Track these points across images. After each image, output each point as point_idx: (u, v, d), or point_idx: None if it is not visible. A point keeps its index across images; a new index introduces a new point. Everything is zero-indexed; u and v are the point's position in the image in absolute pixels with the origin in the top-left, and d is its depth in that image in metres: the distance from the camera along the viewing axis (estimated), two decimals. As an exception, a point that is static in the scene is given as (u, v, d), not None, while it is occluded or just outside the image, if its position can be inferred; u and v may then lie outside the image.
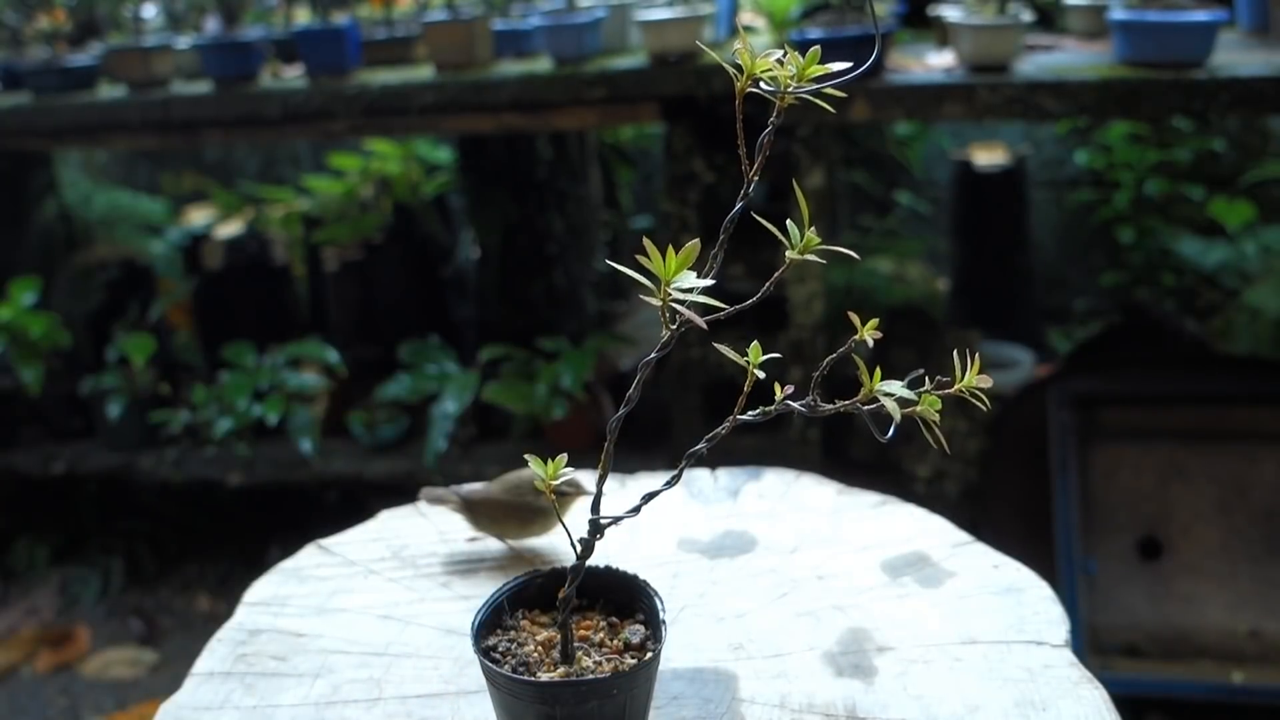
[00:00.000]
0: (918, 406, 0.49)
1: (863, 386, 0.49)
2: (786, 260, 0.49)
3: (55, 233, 2.78)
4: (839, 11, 1.89)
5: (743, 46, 0.48)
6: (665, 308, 0.49)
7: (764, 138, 0.49)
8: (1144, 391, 2.08)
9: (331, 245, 2.75)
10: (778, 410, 0.50)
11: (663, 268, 0.48)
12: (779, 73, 0.48)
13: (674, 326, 0.51)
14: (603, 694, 0.50)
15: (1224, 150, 2.83)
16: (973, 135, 3.09)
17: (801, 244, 0.49)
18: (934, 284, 2.99)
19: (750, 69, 0.48)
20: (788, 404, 0.50)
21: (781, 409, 0.50)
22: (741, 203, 0.50)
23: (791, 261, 0.49)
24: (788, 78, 0.48)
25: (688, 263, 0.49)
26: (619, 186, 2.98)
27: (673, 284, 0.48)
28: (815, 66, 0.48)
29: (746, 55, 0.48)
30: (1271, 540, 1.93)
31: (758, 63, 0.48)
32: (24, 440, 2.67)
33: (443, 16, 2.10)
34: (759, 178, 0.49)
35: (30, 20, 2.41)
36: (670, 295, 0.49)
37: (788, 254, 0.49)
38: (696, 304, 0.49)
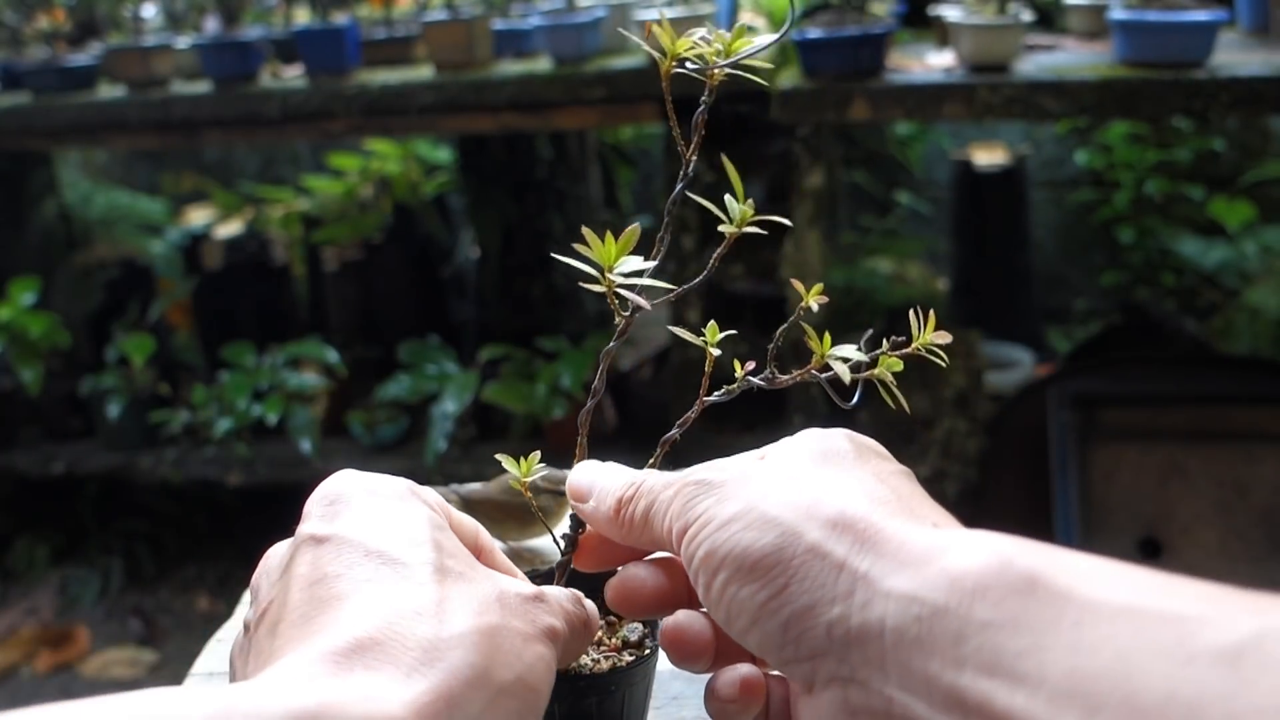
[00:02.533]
0: (875, 369, 0.49)
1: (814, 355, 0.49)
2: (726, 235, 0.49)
3: (55, 233, 2.78)
4: (839, 11, 1.89)
5: (661, 29, 0.48)
6: (611, 294, 0.49)
7: (698, 115, 0.49)
8: (1144, 391, 2.08)
9: (331, 245, 2.75)
10: (740, 388, 0.50)
11: (604, 254, 0.48)
12: (704, 50, 0.48)
13: (625, 313, 0.51)
14: (601, 690, 0.50)
15: (1224, 150, 2.83)
16: (973, 135, 3.09)
17: (738, 219, 0.49)
18: (934, 284, 2.99)
19: (672, 50, 0.48)
20: (749, 380, 0.50)
21: (744, 385, 0.50)
22: (682, 183, 0.50)
23: (731, 236, 0.49)
24: (713, 54, 0.48)
25: (628, 248, 0.49)
26: (619, 186, 2.97)
27: (616, 270, 0.49)
28: (741, 40, 0.48)
29: (666, 37, 0.48)
30: (1271, 540, 1.93)
31: (679, 43, 0.48)
32: (23, 440, 2.67)
33: (442, 16, 2.10)
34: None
35: (30, 20, 2.41)
36: (615, 282, 0.49)
37: (724, 228, 0.49)
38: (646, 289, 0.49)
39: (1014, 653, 0.32)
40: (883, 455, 0.44)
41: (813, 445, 0.44)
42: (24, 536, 2.75)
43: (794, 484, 0.40)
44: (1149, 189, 2.83)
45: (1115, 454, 2.04)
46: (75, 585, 2.62)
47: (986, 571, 0.34)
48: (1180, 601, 0.31)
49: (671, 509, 0.43)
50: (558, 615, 0.44)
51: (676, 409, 2.16)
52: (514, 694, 0.39)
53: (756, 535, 0.39)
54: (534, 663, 0.40)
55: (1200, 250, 2.76)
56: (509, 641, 0.40)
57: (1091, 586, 0.32)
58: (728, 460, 0.45)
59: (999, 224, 2.95)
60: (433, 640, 0.38)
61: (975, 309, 2.90)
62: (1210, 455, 1.99)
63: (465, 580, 0.41)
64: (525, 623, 0.41)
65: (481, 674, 0.38)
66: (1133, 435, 2.04)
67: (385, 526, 0.42)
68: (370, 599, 0.39)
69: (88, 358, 2.68)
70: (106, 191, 3.17)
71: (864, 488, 0.40)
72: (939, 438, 2.18)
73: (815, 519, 0.38)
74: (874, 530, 0.37)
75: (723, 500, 0.41)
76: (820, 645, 0.37)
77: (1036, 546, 0.35)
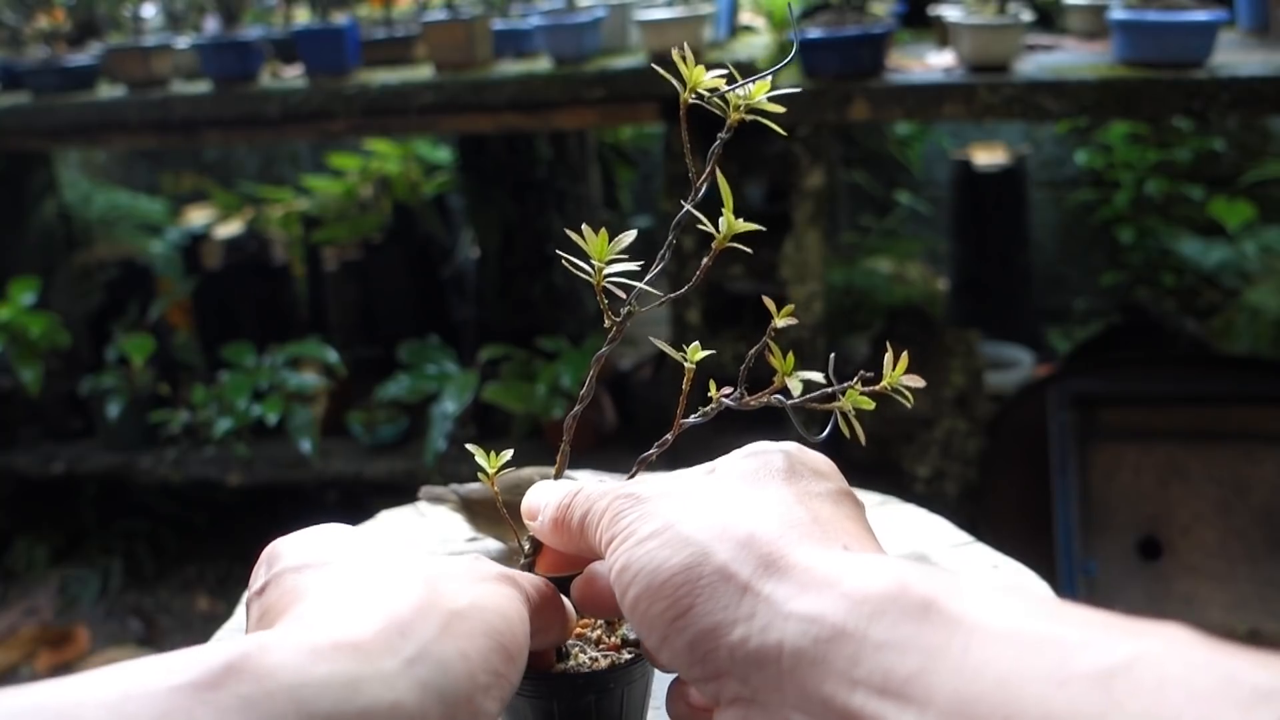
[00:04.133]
0: (839, 401, 0.49)
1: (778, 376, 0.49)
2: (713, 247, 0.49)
3: (55, 233, 2.78)
4: (839, 11, 1.89)
5: (683, 55, 0.47)
6: (600, 291, 0.50)
7: (713, 150, 0.49)
8: (1144, 391, 2.08)
9: (331, 245, 2.75)
10: (715, 409, 0.51)
11: (596, 248, 0.49)
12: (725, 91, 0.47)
13: (616, 317, 0.51)
14: (600, 688, 0.50)
15: (1224, 150, 2.83)
16: (973, 135, 3.09)
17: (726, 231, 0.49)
18: (934, 284, 2.99)
19: (692, 81, 0.48)
20: (722, 401, 0.50)
21: (718, 407, 0.51)
22: (689, 204, 0.50)
23: (717, 247, 0.49)
24: (737, 99, 0.48)
25: (618, 248, 0.49)
26: (619, 186, 2.98)
27: (607, 268, 0.49)
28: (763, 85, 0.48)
29: (688, 67, 0.47)
30: (1271, 540, 1.93)
31: (694, 73, 0.48)
32: (23, 440, 2.67)
33: (442, 16, 2.10)
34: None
35: (30, 20, 2.41)
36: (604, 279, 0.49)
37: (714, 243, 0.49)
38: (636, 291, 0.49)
39: (904, 675, 0.33)
40: (819, 474, 0.45)
41: (749, 463, 0.45)
42: (24, 536, 2.74)
43: (715, 504, 0.41)
44: (1149, 189, 2.83)
45: (1115, 454, 2.04)
46: (75, 585, 2.62)
47: (885, 595, 0.35)
48: (1064, 626, 0.32)
49: (603, 520, 0.44)
50: (520, 579, 0.46)
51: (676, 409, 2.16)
52: (472, 619, 0.40)
53: (669, 554, 0.40)
54: (488, 591, 0.43)
55: (1200, 250, 2.76)
56: (454, 581, 0.42)
57: (982, 611, 0.33)
58: (667, 475, 0.46)
59: (999, 224, 2.95)
60: (377, 591, 0.40)
61: (975, 309, 2.90)
62: (1210, 455, 1.99)
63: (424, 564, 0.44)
64: (477, 572, 0.44)
65: (429, 602, 0.40)
66: (1133, 435, 2.04)
67: None
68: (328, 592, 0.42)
69: (88, 358, 2.68)
70: (106, 191, 3.17)
71: (781, 509, 0.41)
72: (939, 438, 2.18)
73: (726, 540, 0.39)
74: (780, 553, 0.38)
75: (645, 516, 0.42)
76: (724, 665, 0.38)
77: (938, 573, 0.36)
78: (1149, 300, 2.84)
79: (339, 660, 0.36)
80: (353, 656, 0.36)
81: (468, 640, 0.40)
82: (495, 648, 0.41)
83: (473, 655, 0.40)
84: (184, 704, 0.33)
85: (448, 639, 0.39)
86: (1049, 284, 3.13)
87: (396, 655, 0.37)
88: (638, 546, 0.41)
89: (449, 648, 0.39)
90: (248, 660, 0.34)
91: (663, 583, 0.39)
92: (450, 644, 0.39)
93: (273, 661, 0.35)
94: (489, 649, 0.40)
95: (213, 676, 0.34)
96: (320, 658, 0.36)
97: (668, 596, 0.39)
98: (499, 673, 0.41)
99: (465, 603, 0.41)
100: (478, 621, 0.41)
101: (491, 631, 0.41)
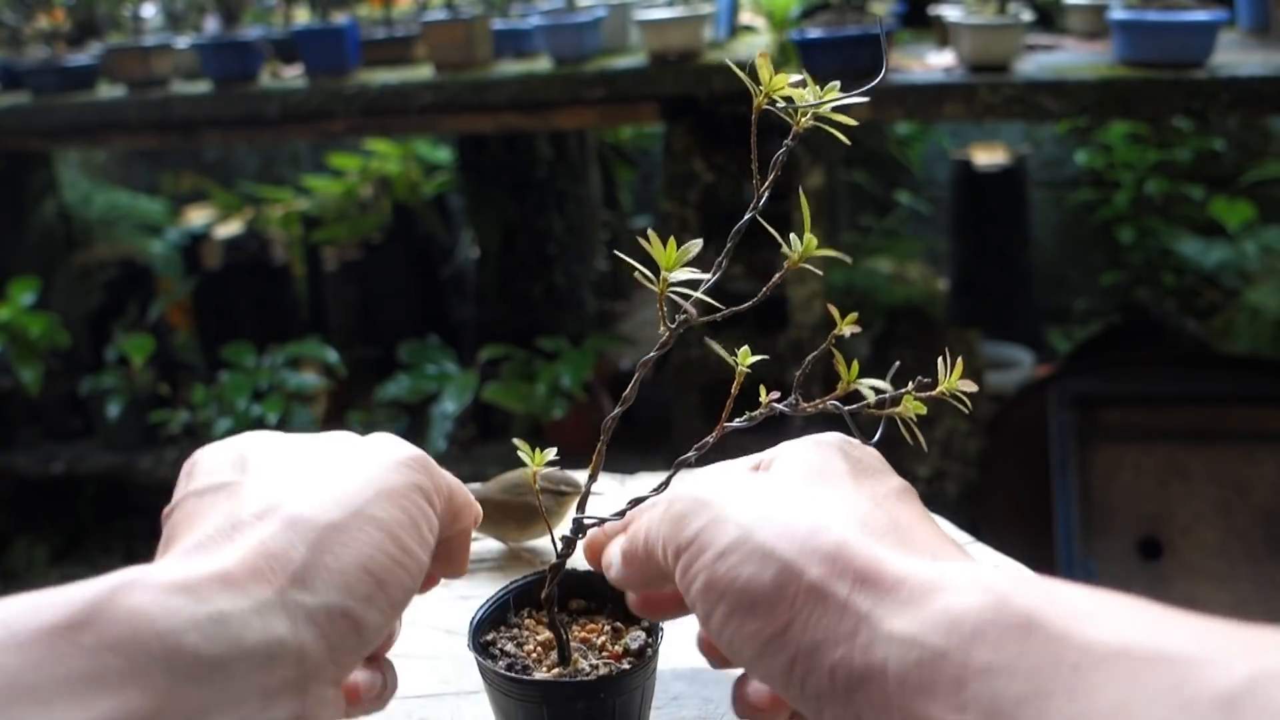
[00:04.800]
0: (898, 407, 0.49)
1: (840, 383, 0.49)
2: (784, 265, 0.48)
3: (55, 233, 2.78)
4: (839, 11, 1.89)
5: (764, 61, 0.47)
6: (663, 301, 0.49)
7: (779, 157, 0.48)
8: (1144, 391, 2.08)
9: (331, 245, 2.75)
10: (764, 414, 0.50)
11: (665, 258, 0.48)
12: (797, 94, 0.47)
13: (672, 325, 0.50)
14: (590, 696, 0.50)
15: (1224, 150, 2.83)
16: (973, 135, 3.09)
17: (801, 249, 0.48)
18: (934, 284, 2.99)
19: (769, 87, 0.47)
20: (773, 406, 0.49)
21: (767, 412, 0.50)
22: (751, 213, 0.49)
23: (790, 266, 0.48)
24: (803, 97, 0.47)
25: (687, 257, 0.48)
26: (619, 186, 2.98)
27: (672, 278, 0.48)
28: (832, 92, 0.47)
29: (767, 71, 0.47)
30: (1271, 540, 1.93)
31: (775, 80, 0.47)
32: (23, 440, 2.67)
33: (442, 16, 2.10)
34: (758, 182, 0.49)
35: (30, 20, 2.41)
36: (670, 289, 0.48)
37: (785, 261, 0.48)
38: (697, 301, 0.49)
39: (1014, 699, 0.32)
40: (880, 470, 0.44)
41: (809, 459, 0.43)
42: (24, 536, 2.74)
43: (789, 508, 0.40)
44: (1149, 189, 2.83)
45: (1115, 454, 2.04)
46: (75, 585, 2.62)
47: (984, 613, 0.34)
48: (1176, 641, 0.31)
49: (664, 532, 0.42)
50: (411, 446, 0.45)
51: (677, 408, 2.16)
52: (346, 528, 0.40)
53: (756, 570, 0.38)
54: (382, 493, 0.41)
55: (1200, 250, 2.76)
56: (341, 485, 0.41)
57: (1087, 626, 0.32)
58: (718, 471, 0.44)
59: (999, 224, 2.95)
60: (257, 509, 0.40)
61: (975, 309, 2.90)
62: (1210, 455, 1.99)
63: None
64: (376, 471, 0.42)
65: (301, 521, 0.39)
66: (1133, 435, 2.04)
67: None
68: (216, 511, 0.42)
69: (88, 358, 2.68)
70: (106, 191, 3.17)
71: (861, 514, 0.39)
72: (939, 438, 2.18)
73: (815, 553, 0.37)
74: (874, 567, 0.36)
75: (717, 523, 0.40)
76: (824, 687, 0.36)
77: (1033, 582, 0.35)
78: (1149, 300, 2.84)
79: (208, 594, 0.36)
80: (222, 588, 0.36)
81: (344, 554, 0.39)
82: (375, 556, 0.40)
83: (349, 569, 0.39)
84: (52, 647, 0.32)
85: (321, 557, 0.38)
86: (1049, 284, 3.13)
87: (268, 583, 0.37)
88: (718, 561, 0.39)
89: (321, 567, 0.38)
90: (115, 598, 0.34)
91: (754, 602, 0.38)
92: (322, 562, 0.38)
93: (139, 600, 0.34)
94: (367, 560, 0.40)
95: (79, 616, 0.33)
96: (188, 592, 0.35)
97: (762, 616, 0.37)
98: (382, 582, 0.40)
99: (345, 514, 0.40)
100: (357, 531, 0.40)
101: (373, 538, 0.40)
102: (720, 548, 0.39)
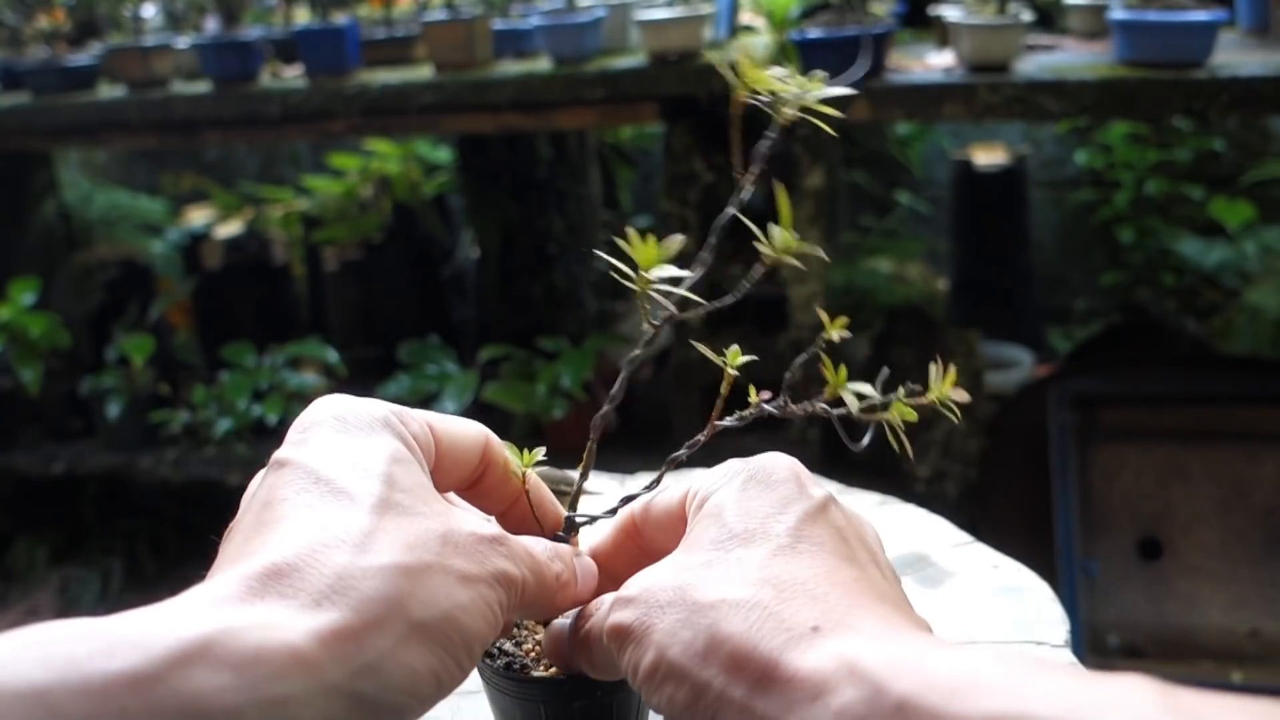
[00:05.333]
0: (886, 412, 0.49)
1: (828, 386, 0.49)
2: (764, 262, 0.48)
3: (55, 233, 2.78)
4: (839, 11, 1.89)
5: (745, 55, 0.47)
6: (644, 298, 0.49)
7: (765, 150, 0.48)
8: (1144, 391, 2.08)
9: (331, 245, 2.74)
10: (754, 414, 0.50)
11: (644, 254, 0.48)
12: (778, 87, 0.47)
13: (655, 321, 0.51)
14: (587, 695, 0.50)
15: (1224, 150, 2.83)
16: (973, 135, 3.09)
17: (779, 244, 0.48)
18: (934, 284, 2.99)
19: (751, 80, 0.47)
20: (762, 407, 0.50)
21: (756, 413, 0.50)
22: (734, 209, 0.49)
23: (767, 263, 0.48)
24: (787, 90, 0.47)
25: (668, 254, 0.49)
26: (619, 186, 2.97)
27: (652, 274, 0.48)
28: (816, 82, 0.47)
29: (748, 65, 0.47)
30: (1271, 540, 1.93)
31: (757, 75, 0.47)
32: (23, 440, 2.67)
33: (442, 16, 2.10)
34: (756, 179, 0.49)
35: (30, 20, 2.41)
36: (650, 285, 0.48)
37: (763, 256, 0.48)
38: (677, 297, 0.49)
39: None
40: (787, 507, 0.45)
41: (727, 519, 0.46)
42: (24, 536, 2.74)
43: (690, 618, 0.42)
44: (1149, 189, 2.83)
45: (1115, 454, 2.04)
46: (75, 585, 2.62)
47: (859, 707, 0.36)
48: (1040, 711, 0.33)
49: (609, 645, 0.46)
50: (516, 560, 0.45)
51: (676, 409, 2.16)
52: (435, 634, 0.39)
53: (673, 689, 0.42)
54: (468, 603, 0.41)
55: (1200, 250, 2.76)
56: (437, 579, 0.40)
57: (956, 705, 0.34)
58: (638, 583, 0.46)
59: (999, 224, 2.95)
60: (348, 569, 0.38)
61: (975, 309, 2.90)
62: (1210, 455, 1.99)
63: (409, 515, 0.42)
64: (470, 563, 0.42)
65: (394, 609, 0.38)
66: (1133, 435, 2.04)
67: (342, 455, 0.44)
68: (301, 525, 0.40)
69: (88, 358, 2.68)
70: (106, 191, 3.17)
71: (751, 596, 0.42)
72: (939, 438, 2.18)
73: (713, 664, 0.41)
74: (766, 667, 0.39)
75: (641, 648, 0.43)
76: None
77: (912, 661, 0.37)
78: (1149, 300, 2.84)
79: (282, 674, 0.35)
80: (296, 669, 0.35)
81: (423, 655, 0.39)
82: (448, 660, 0.40)
83: (420, 670, 0.39)
84: (118, 701, 0.32)
85: (402, 653, 0.38)
86: (1049, 284, 3.13)
87: (342, 668, 0.36)
88: (645, 684, 0.43)
89: (399, 663, 0.38)
90: (187, 665, 0.33)
91: (680, 711, 0.42)
92: (403, 659, 0.38)
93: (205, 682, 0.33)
94: (440, 662, 0.40)
95: (148, 671, 0.33)
96: (260, 668, 0.35)
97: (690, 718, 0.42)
98: (442, 684, 0.40)
99: (435, 615, 0.40)
100: (442, 643, 0.40)
101: (451, 645, 0.40)
102: (646, 672, 0.43)
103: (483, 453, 0.51)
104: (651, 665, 0.43)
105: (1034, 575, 0.82)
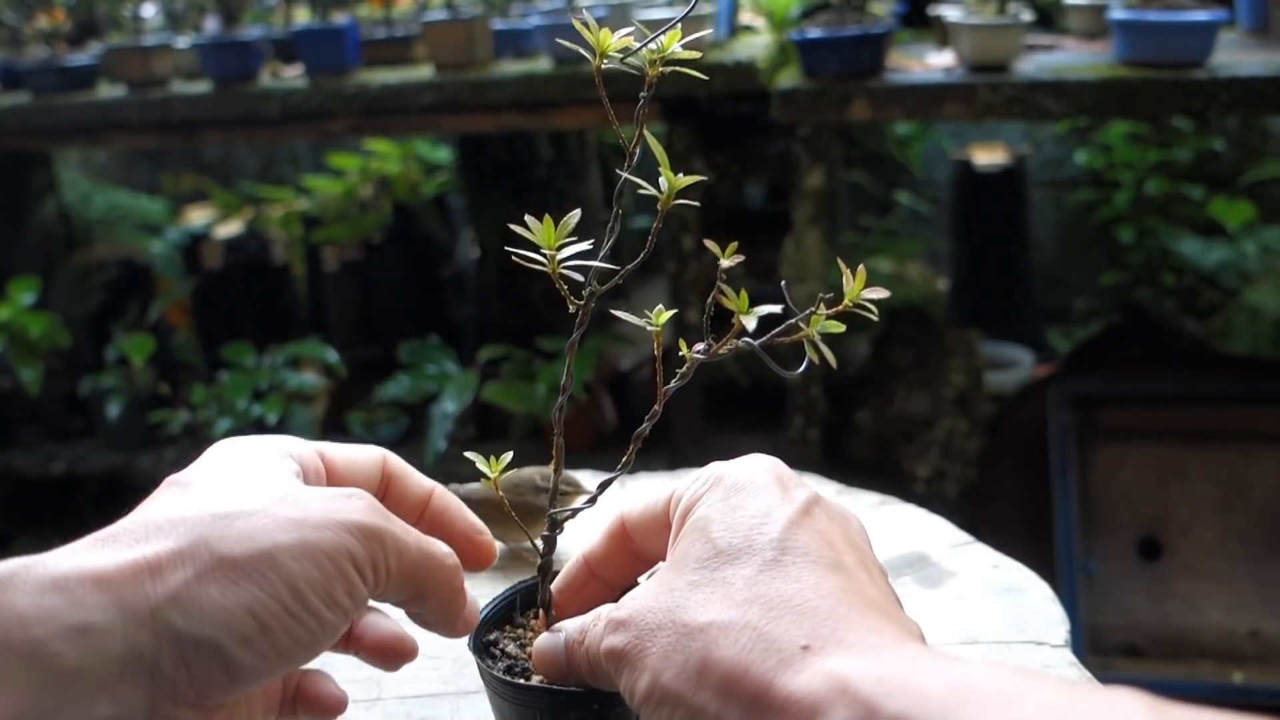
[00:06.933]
0: (806, 328, 0.49)
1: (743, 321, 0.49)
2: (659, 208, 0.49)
3: (55, 233, 2.78)
4: (839, 11, 1.89)
5: (587, 25, 0.48)
6: (557, 278, 0.50)
7: (639, 110, 0.49)
8: (1144, 391, 2.08)
9: (331, 245, 2.75)
10: (691, 367, 0.51)
11: (545, 236, 0.49)
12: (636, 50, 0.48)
13: (578, 300, 0.51)
14: (582, 706, 0.50)
15: (1224, 150, 2.83)
16: (973, 135, 3.09)
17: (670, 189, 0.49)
18: (934, 284, 2.99)
19: (601, 47, 0.48)
20: (694, 356, 0.51)
21: (693, 364, 0.51)
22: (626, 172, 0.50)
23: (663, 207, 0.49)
24: (651, 54, 0.48)
25: (566, 230, 0.50)
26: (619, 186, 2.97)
27: (560, 256, 0.49)
28: (674, 35, 0.48)
29: (591, 33, 0.48)
30: (1271, 540, 1.93)
31: (603, 38, 0.48)
32: (23, 440, 2.67)
33: (442, 16, 2.10)
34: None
35: (30, 20, 2.41)
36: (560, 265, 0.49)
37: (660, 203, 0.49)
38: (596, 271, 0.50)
39: None
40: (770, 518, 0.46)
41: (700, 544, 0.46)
42: (24, 536, 2.74)
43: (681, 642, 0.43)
44: (1149, 189, 2.83)
45: (1115, 454, 2.04)
46: (75, 585, 2.62)
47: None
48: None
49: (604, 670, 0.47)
50: (378, 513, 0.45)
51: (676, 409, 2.16)
52: (245, 569, 0.41)
53: (670, 712, 0.43)
54: (293, 545, 0.42)
55: (1200, 250, 2.76)
56: (259, 520, 0.42)
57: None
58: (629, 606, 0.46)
59: (999, 224, 2.95)
60: (168, 517, 0.42)
61: (975, 309, 2.90)
62: (1210, 455, 1.99)
63: (248, 486, 0.45)
64: (302, 510, 0.43)
65: (201, 544, 0.41)
66: (1133, 435, 2.04)
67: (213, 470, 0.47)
68: (144, 506, 0.44)
69: (88, 358, 2.68)
70: (106, 191, 3.17)
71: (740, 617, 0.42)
72: (939, 438, 2.18)
73: (707, 687, 0.41)
74: (761, 693, 0.40)
75: (635, 671, 0.44)
76: None
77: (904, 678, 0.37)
78: (1149, 300, 2.84)
79: (83, 596, 0.38)
80: (99, 591, 0.38)
81: (230, 589, 0.40)
82: (264, 598, 0.41)
83: (230, 605, 0.40)
84: None
85: (207, 584, 0.40)
86: (1049, 284, 3.13)
87: (145, 597, 0.39)
88: (643, 707, 0.44)
89: (205, 595, 0.40)
90: None
91: None
92: (208, 591, 0.40)
93: (15, 601, 0.37)
94: (255, 599, 0.40)
95: None
96: (63, 592, 0.37)
97: None
98: (264, 624, 0.41)
99: (250, 550, 0.41)
100: (252, 572, 0.41)
101: (268, 583, 0.41)
102: (641, 696, 0.44)
103: (381, 472, 0.52)
104: (647, 690, 0.43)
105: (1034, 575, 0.82)
